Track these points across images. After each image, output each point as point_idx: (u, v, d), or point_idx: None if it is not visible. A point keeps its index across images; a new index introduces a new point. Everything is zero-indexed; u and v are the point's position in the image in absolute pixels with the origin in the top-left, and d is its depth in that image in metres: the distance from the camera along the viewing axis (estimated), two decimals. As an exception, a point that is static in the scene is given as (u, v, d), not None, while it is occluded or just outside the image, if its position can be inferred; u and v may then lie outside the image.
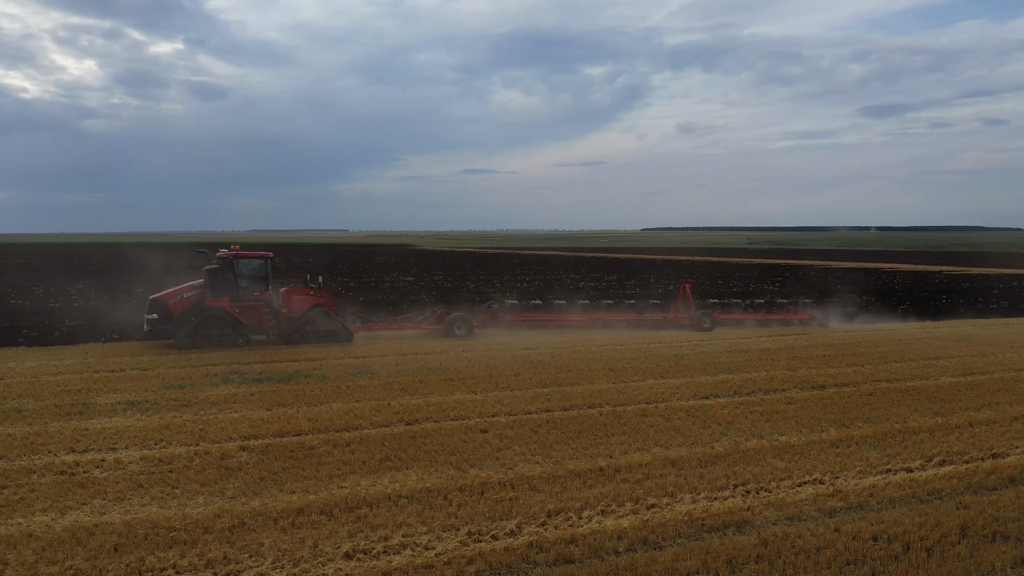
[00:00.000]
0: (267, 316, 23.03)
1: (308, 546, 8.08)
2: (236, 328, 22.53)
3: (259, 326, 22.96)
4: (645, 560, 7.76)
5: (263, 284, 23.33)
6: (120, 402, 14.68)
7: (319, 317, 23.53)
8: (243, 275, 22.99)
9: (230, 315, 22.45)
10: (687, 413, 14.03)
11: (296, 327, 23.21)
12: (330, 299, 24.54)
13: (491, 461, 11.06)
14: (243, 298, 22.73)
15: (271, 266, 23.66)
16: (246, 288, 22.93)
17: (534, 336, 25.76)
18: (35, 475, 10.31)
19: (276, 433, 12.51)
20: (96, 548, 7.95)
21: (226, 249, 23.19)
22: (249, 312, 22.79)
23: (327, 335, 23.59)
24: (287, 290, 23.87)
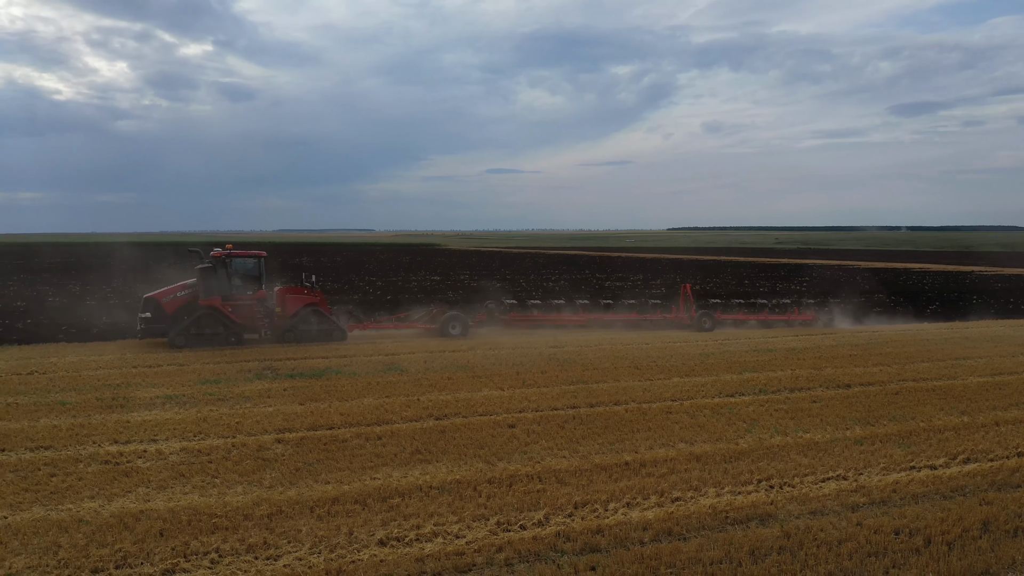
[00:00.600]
0: (260, 315, 23.10)
1: (344, 533, 8.39)
2: (228, 327, 22.57)
3: (252, 325, 23.01)
4: (669, 550, 7.98)
5: (256, 283, 23.43)
6: (159, 396, 15.15)
7: (312, 316, 23.54)
8: (236, 274, 23.07)
9: (222, 314, 22.49)
10: (712, 410, 14.19)
11: (289, 326, 23.23)
12: (324, 298, 24.55)
13: (519, 455, 11.33)
14: (236, 297, 22.80)
15: (264, 265, 23.78)
16: (239, 287, 23.03)
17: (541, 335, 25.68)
18: (81, 464, 10.75)
19: (309, 426, 12.87)
20: (143, 532, 8.33)
21: (220, 248, 23.27)
22: (242, 311, 22.82)
23: (320, 334, 23.59)
24: (280, 289, 23.96)
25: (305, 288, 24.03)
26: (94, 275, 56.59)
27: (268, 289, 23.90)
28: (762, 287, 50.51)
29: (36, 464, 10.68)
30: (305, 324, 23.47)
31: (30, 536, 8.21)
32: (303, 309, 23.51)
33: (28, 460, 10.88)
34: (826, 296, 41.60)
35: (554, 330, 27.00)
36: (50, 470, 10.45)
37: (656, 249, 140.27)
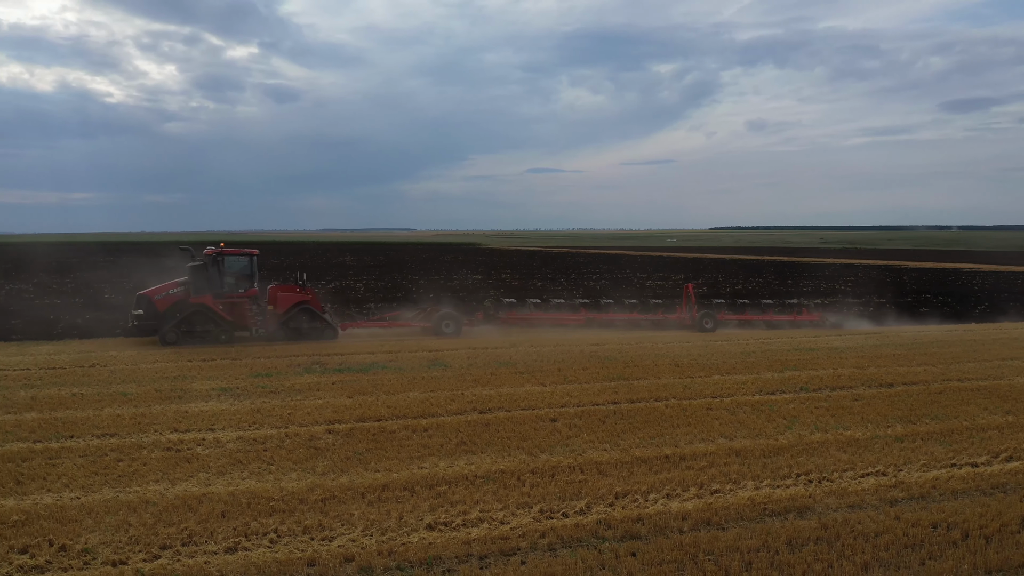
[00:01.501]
0: (251, 313, 23.31)
1: (394, 517, 8.79)
2: (219, 324, 22.75)
3: (243, 322, 23.18)
4: (708, 538, 8.22)
5: (248, 281, 23.69)
6: (214, 388, 15.76)
7: (303, 314, 23.66)
8: (227, 272, 23.30)
9: (213, 311, 22.68)
10: (752, 407, 14.33)
11: (280, 324, 23.41)
12: (316, 297, 24.76)
13: (561, 447, 11.63)
14: (227, 295, 23.04)
15: (256, 264, 24.00)
16: (231, 285, 23.28)
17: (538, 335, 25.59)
18: (145, 450, 11.32)
19: (358, 418, 13.33)
20: (206, 513, 8.82)
21: (214, 246, 23.55)
22: (233, 309, 23.03)
23: (311, 332, 23.69)
24: (272, 287, 24.28)
25: (297, 287, 24.19)
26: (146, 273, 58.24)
27: (261, 287, 24.13)
28: (805, 287, 50.05)
29: (103, 450, 11.29)
30: (296, 322, 23.55)
31: (102, 515, 8.75)
32: (294, 307, 23.59)
33: (95, 446, 11.49)
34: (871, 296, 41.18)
35: (552, 329, 26.87)
36: (116, 455, 11.04)
37: (698, 248, 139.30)
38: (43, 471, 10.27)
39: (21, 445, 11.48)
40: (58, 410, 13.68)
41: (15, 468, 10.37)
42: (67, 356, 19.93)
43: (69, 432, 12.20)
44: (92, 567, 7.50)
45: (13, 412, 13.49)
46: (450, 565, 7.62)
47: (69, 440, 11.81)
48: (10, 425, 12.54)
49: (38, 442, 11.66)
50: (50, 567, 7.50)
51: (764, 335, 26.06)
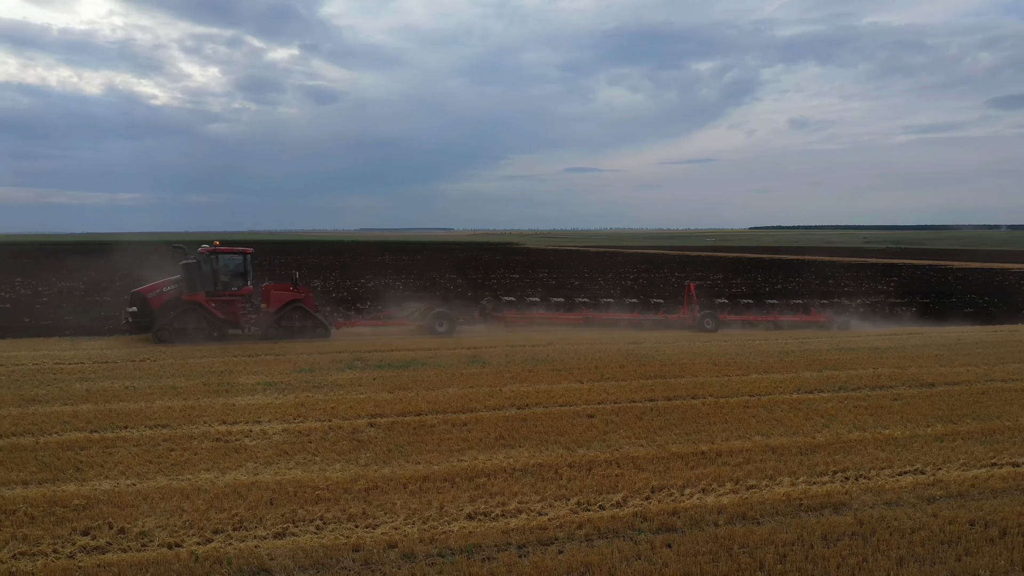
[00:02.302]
0: (244, 311, 23.47)
1: (435, 507, 9.05)
2: (211, 322, 22.90)
3: (235, 320, 23.36)
4: (743, 531, 8.35)
5: (241, 279, 23.89)
6: (259, 383, 16.21)
7: (295, 313, 23.79)
8: (221, 271, 23.48)
9: (205, 309, 22.83)
10: (789, 406, 14.34)
11: (272, 322, 23.61)
12: (310, 295, 24.82)
13: (598, 443, 11.80)
14: (219, 293, 23.23)
15: (250, 262, 24.17)
16: (224, 283, 23.47)
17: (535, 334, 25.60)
18: (195, 441, 11.75)
19: (399, 413, 13.63)
20: (255, 500, 9.17)
21: (209, 245, 23.75)
22: (225, 307, 23.20)
23: (303, 331, 23.82)
24: (266, 286, 24.38)
25: (291, 285, 24.36)
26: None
27: (257, 286, 24.33)
28: (846, 287, 49.43)
29: (156, 440, 11.74)
30: (288, 320, 23.73)
31: (157, 501, 9.14)
32: (287, 306, 23.76)
33: (148, 436, 11.95)
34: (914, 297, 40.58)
35: (552, 329, 26.75)
36: (168, 445, 11.47)
37: (737, 248, 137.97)
38: (100, 459, 10.73)
39: (79, 434, 11.99)
40: (112, 402, 14.22)
41: (74, 456, 10.85)
42: (118, 351, 20.60)
43: (123, 423, 12.69)
44: (149, 549, 7.87)
45: (70, 404, 14.05)
46: (490, 553, 7.85)
47: (123, 430, 12.29)
48: (68, 415, 13.08)
49: (94, 432, 12.16)
50: (111, 548, 7.89)
51: (803, 335, 25.90)
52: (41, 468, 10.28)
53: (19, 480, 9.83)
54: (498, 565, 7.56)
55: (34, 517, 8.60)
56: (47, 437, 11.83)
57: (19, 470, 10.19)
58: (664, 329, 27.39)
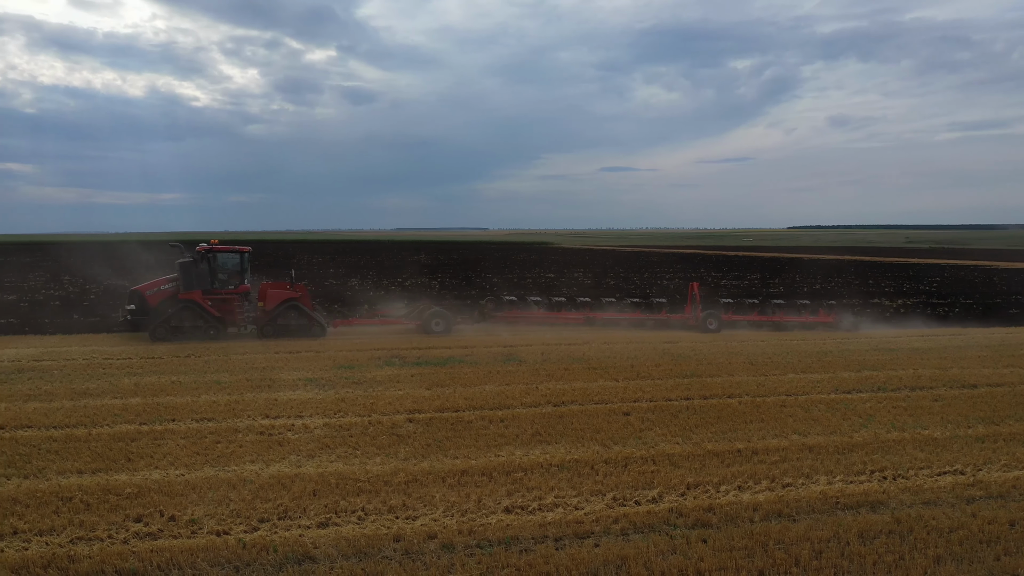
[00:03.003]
0: (240, 309, 23.57)
1: (473, 500, 9.23)
2: (207, 320, 22.99)
3: (231, 318, 23.47)
4: (779, 528, 8.39)
5: (238, 278, 23.98)
6: (300, 378, 16.56)
7: (291, 311, 23.84)
8: (217, 269, 23.58)
9: (201, 307, 22.91)
10: (827, 405, 14.28)
11: (268, 320, 23.68)
12: (307, 294, 24.88)
13: (633, 440, 11.90)
14: (216, 291, 23.31)
15: (246, 261, 24.24)
16: (221, 281, 23.58)
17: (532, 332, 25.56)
18: (240, 434, 12.08)
19: (437, 409, 13.85)
20: (298, 492, 9.44)
21: (206, 243, 23.72)
22: (222, 305, 23.28)
23: (298, 329, 23.88)
24: (263, 284, 24.50)
25: (287, 284, 24.44)
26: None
27: (255, 284, 24.49)
28: (887, 287, 48.71)
29: (202, 433, 12.09)
30: (284, 319, 23.79)
31: (205, 491, 9.46)
32: (283, 304, 23.81)
33: (195, 429, 12.31)
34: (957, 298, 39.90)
35: (552, 328, 26.60)
36: (214, 438, 11.82)
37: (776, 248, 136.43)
38: (150, 450, 11.10)
39: (129, 427, 12.40)
40: (160, 396, 14.65)
41: (125, 447, 11.24)
42: (164, 347, 21.16)
43: (171, 416, 13.09)
44: (199, 536, 8.16)
45: (120, 397, 14.52)
46: (527, 545, 8.01)
47: (171, 423, 12.68)
48: (118, 409, 13.52)
49: (144, 424, 12.57)
50: (162, 535, 8.20)
51: (840, 336, 25.64)
52: (94, 458, 10.68)
53: (74, 469, 10.22)
54: (535, 557, 7.71)
55: (89, 504, 8.96)
56: (99, 429, 12.25)
57: (74, 459, 10.60)
58: (666, 329, 27.11)
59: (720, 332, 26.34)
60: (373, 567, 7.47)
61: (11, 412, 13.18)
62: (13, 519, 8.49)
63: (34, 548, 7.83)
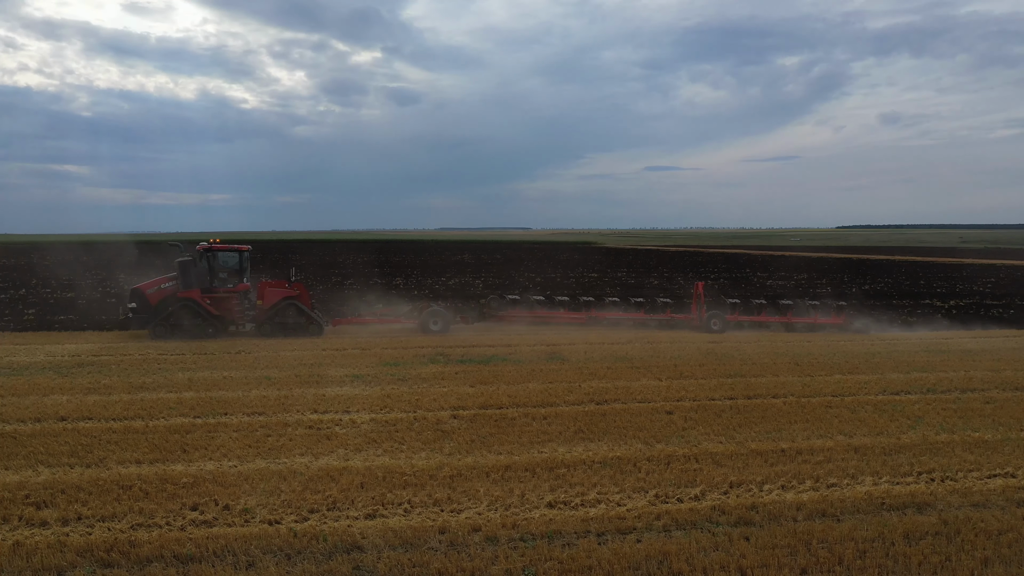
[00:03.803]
0: (238, 307, 23.77)
1: (516, 495, 9.38)
2: (206, 318, 23.16)
3: (230, 316, 23.66)
4: (822, 527, 8.38)
5: (237, 276, 24.18)
6: (347, 375, 16.89)
7: (289, 310, 23.90)
8: (216, 268, 23.78)
9: (200, 306, 23.08)
10: (874, 407, 14.12)
11: (266, 318, 23.75)
12: (306, 292, 24.93)
13: (676, 438, 11.93)
14: (215, 289, 23.53)
15: (245, 259, 24.44)
16: (220, 280, 23.78)
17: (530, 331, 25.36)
18: (290, 428, 12.41)
19: (481, 405, 14.04)
20: (346, 484, 9.69)
21: (206, 242, 23.97)
22: (220, 303, 23.46)
23: (296, 327, 23.88)
24: (261, 283, 24.54)
25: (286, 282, 24.56)
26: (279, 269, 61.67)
27: (254, 283, 24.70)
28: (939, 288, 47.62)
29: (253, 427, 12.44)
30: (282, 317, 23.86)
31: (256, 482, 9.76)
32: (281, 302, 23.90)
33: (246, 423, 12.67)
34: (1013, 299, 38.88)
35: (552, 329, 26.39)
36: (265, 431, 12.16)
37: (823, 248, 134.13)
38: (204, 442, 11.48)
39: (183, 419, 12.82)
40: (212, 390, 15.09)
41: (180, 439, 11.63)
42: (215, 343, 21.73)
43: (223, 410, 13.48)
44: (252, 524, 8.45)
45: (174, 391, 14.99)
46: (569, 539, 8.13)
47: (223, 417, 13.07)
48: (173, 402, 13.97)
49: (197, 417, 12.97)
50: (217, 523, 8.51)
51: (890, 337, 25.23)
52: (152, 449, 11.08)
53: (133, 459, 10.62)
54: (578, 551, 7.82)
55: (148, 492, 9.32)
56: (155, 421, 12.68)
57: (132, 450, 11.01)
58: (669, 329, 26.74)
59: (724, 332, 25.94)
60: (419, 557, 7.66)
61: (73, 404, 13.72)
62: (77, 505, 8.89)
63: (97, 533, 8.19)
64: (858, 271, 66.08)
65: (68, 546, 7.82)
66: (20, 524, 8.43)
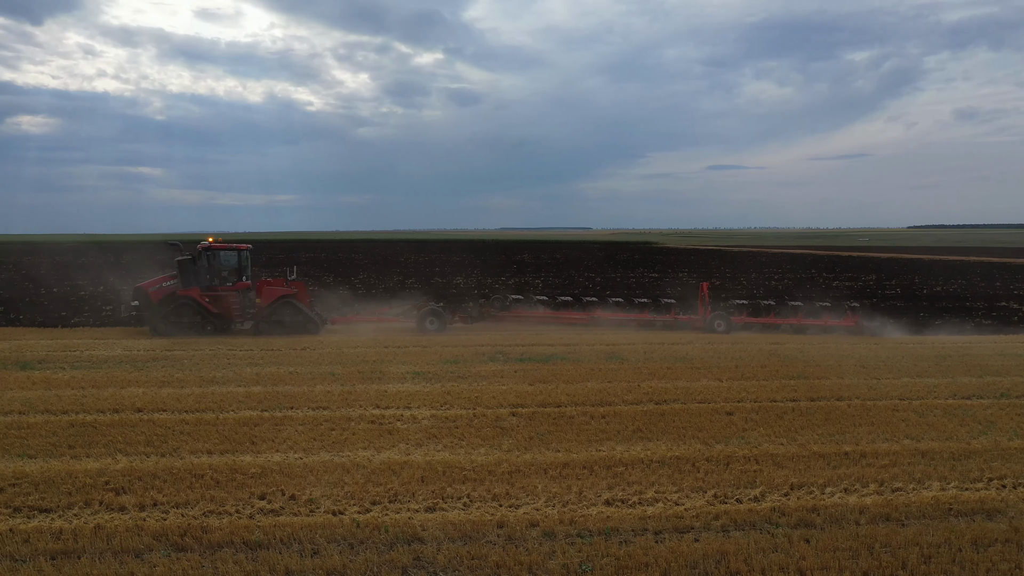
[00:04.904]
0: (236, 305, 23.98)
1: (574, 492, 9.45)
2: (205, 316, 23.43)
3: (228, 314, 23.88)
4: (886, 532, 8.24)
5: (236, 275, 24.36)
6: (408, 372, 17.20)
7: (286, 308, 23.98)
8: (214, 266, 24.00)
9: (199, 304, 23.37)
10: (943, 411, 13.74)
11: (263, 316, 23.89)
12: (305, 291, 25.06)
13: (736, 439, 11.83)
14: (214, 288, 23.75)
15: (245, 258, 24.52)
16: (220, 278, 24.02)
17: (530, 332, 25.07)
18: (352, 422, 12.72)
19: (539, 403, 14.14)
20: (407, 478, 9.91)
21: (206, 241, 24.15)
22: (219, 301, 23.71)
23: (293, 325, 23.94)
24: (260, 281, 24.69)
25: (284, 281, 24.66)
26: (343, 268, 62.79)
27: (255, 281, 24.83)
28: (1016, 289, 45.83)
29: (318, 421, 12.79)
30: (279, 315, 23.95)
31: (321, 474, 10.06)
32: (278, 301, 24.02)
33: (311, 417, 13.04)
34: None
35: (552, 329, 26.00)
36: (329, 425, 12.49)
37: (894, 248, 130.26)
38: (271, 434, 11.86)
39: (252, 413, 13.25)
40: (279, 385, 15.55)
41: (248, 431, 12.04)
42: (282, 340, 22.33)
43: (289, 404, 13.89)
44: (317, 514, 8.73)
45: (243, 386, 15.49)
46: (627, 537, 8.17)
47: (289, 411, 13.47)
48: (242, 396, 14.44)
49: (265, 411, 13.40)
50: (283, 512, 8.81)
51: (964, 340, 24.41)
52: (222, 440, 11.50)
53: (204, 449, 11.05)
54: (635, 548, 7.87)
55: (218, 481, 9.70)
56: (225, 414, 13.15)
57: (204, 441, 11.45)
58: (673, 330, 26.14)
59: (729, 334, 25.25)
60: (477, 550, 7.81)
61: (148, 397, 14.31)
62: (153, 492, 9.31)
63: (171, 518, 8.57)
64: (929, 272, 64.01)
65: (145, 530, 8.21)
66: (100, 508, 8.88)
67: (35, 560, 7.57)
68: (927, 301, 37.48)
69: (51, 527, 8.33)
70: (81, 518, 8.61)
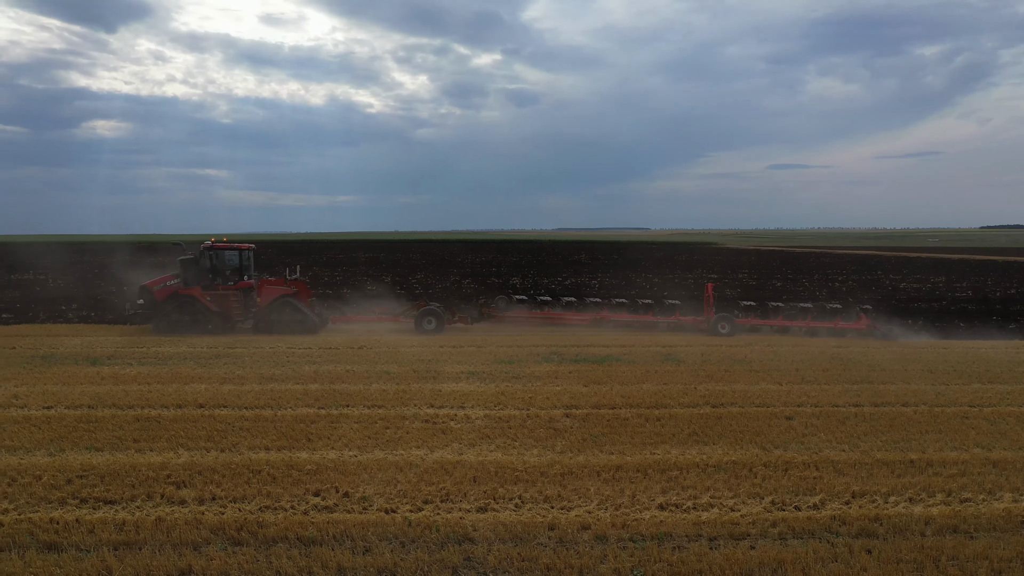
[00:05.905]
0: (238, 304, 24.13)
1: (627, 495, 9.33)
2: (206, 315, 23.59)
3: (229, 313, 23.95)
4: (953, 543, 7.91)
5: (237, 274, 24.55)
6: (463, 371, 17.25)
7: (285, 307, 23.98)
8: (218, 266, 24.15)
9: (199, 302, 23.58)
10: (1017, 419, 13.18)
11: (263, 315, 23.95)
12: (305, 290, 25.02)
13: (795, 444, 11.53)
14: (216, 287, 23.92)
15: (247, 257, 24.71)
16: (222, 277, 24.16)
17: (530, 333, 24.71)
18: (407, 421, 12.80)
19: (593, 405, 14.03)
20: (459, 477, 9.93)
21: (209, 241, 24.37)
22: (220, 300, 23.88)
23: (291, 324, 23.88)
24: (260, 280, 24.80)
25: (283, 280, 24.69)
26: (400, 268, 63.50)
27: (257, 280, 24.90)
28: (1098, 293, 43.74)
29: (373, 419, 12.91)
30: (278, 314, 23.96)
31: (374, 471, 10.14)
32: (277, 300, 24.10)
33: (366, 415, 13.17)
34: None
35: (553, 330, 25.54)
36: (384, 424, 12.60)
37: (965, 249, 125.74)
38: (327, 432, 12.02)
39: (308, 410, 13.46)
40: (335, 383, 15.76)
41: (305, 428, 12.22)
42: (343, 338, 22.67)
43: (345, 402, 14.06)
44: (369, 512, 8.79)
45: (301, 383, 15.75)
46: (680, 542, 8.03)
47: (345, 408, 13.63)
48: (299, 393, 14.69)
49: (321, 408, 13.59)
50: (337, 508, 8.91)
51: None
52: (279, 436, 11.70)
53: (262, 445, 11.26)
54: (688, 554, 7.72)
55: (275, 477, 9.86)
56: (283, 411, 13.38)
57: (262, 437, 11.67)
58: (677, 332, 25.59)
59: (733, 336, 24.60)
60: (528, 552, 7.76)
61: (210, 393, 14.66)
62: (212, 487, 9.51)
63: (229, 513, 8.74)
64: (1003, 274, 61.59)
65: (203, 523, 8.39)
66: (162, 501, 9.11)
67: (99, 550, 7.80)
68: (1000, 304, 36.06)
69: (115, 519, 8.57)
70: (143, 510, 8.85)
